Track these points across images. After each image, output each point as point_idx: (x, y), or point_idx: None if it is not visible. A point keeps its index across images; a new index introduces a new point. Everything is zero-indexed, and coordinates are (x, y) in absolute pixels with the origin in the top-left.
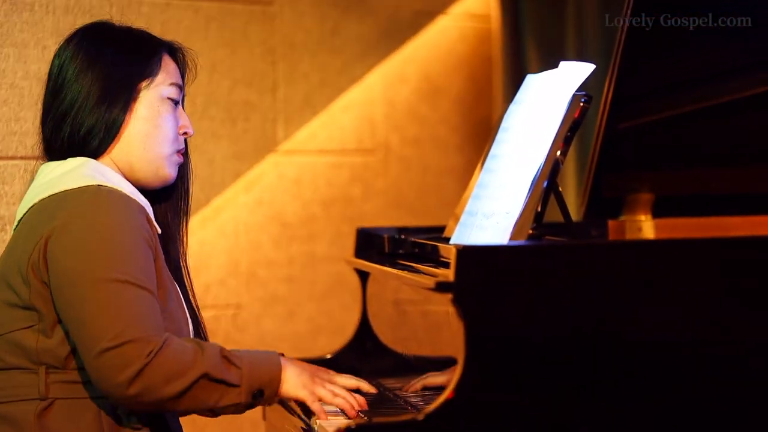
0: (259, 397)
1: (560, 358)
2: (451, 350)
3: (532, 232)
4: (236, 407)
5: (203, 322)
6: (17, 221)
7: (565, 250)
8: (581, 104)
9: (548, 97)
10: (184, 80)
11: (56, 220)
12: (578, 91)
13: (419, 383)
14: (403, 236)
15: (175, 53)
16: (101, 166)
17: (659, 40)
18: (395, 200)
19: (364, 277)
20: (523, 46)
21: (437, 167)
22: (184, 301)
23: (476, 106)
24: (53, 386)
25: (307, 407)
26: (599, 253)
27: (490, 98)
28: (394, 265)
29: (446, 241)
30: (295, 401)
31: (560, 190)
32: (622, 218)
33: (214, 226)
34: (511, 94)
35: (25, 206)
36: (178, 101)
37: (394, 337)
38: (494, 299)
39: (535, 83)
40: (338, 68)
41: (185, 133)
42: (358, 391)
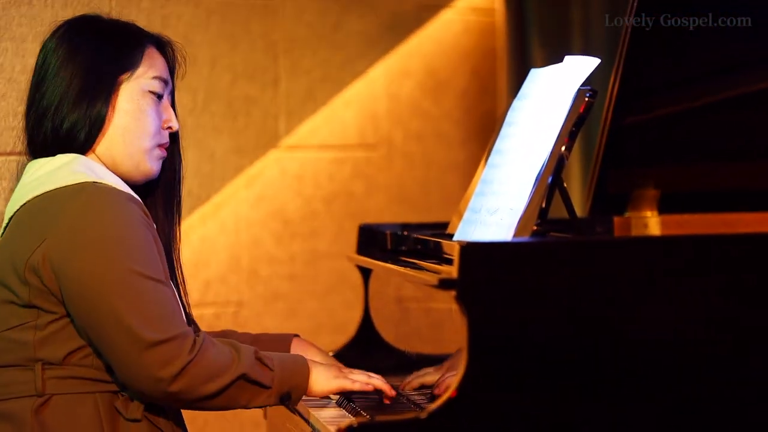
0: (286, 399)
1: (565, 356)
2: (454, 348)
3: (536, 228)
4: (262, 407)
5: (194, 319)
6: (7, 219)
7: (570, 246)
8: (586, 99)
9: (553, 91)
10: (173, 75)
11: (56, 221)
12: (583, 85)
13: (416, 380)
14: (406, 233)
15: (163, 47)
16: (91, 162)
17: (667, 32)
18: (398, 196)
19: (366, 274)
20: (527, 39)
21: (441, 162)
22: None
23: (480, 100)
24: (50, 382)
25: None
26: (605, 249)
27: (494, 93)
28: (396, 261)
29: (450, 237)
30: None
31: (565, 185)
32: (627, 214)
33: (214, 222)
34: (515, 88)
35: (15, 204)
36: (161, 95)
37: (396, 334)
38: (498, 296)
39: (539, 78)
40: (340, 62)
41: (169, 127)
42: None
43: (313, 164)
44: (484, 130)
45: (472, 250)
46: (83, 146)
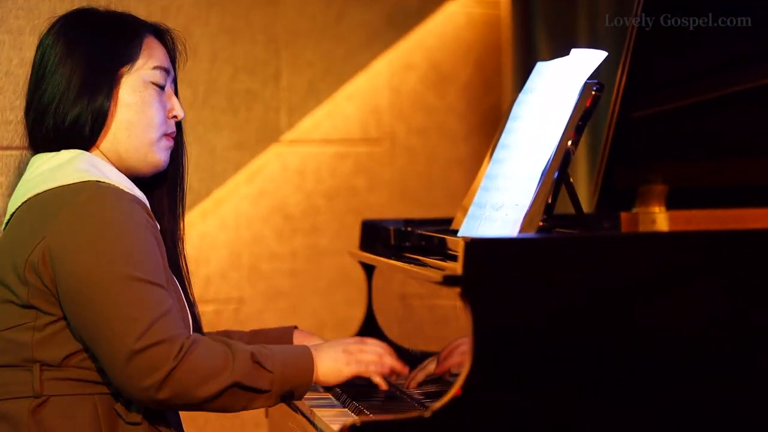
0: (289, 398)
1: (571, 354)
2: None
3: (542, 224)
4: (264, 407)
5: (200, 317)
6: (9, 215)
7: (576, 242)
8: (593, 93)
9: (559, 85)
10: (175, 63)
11: (56, 220)
12: (590, 79)
13: (420, 374)
14: (409, 228)
15: (162, 36)
16: (95, 158)
17: (675, 27)
18: (401, 191)
19: (369, 270)
20: (533, 32)
21: (444, 157)
22: (183, 295)
23: (485, 94)
24: (47, 383)
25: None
26: (612, 245)
27: (499, 86)
28: (400, 258)
29: (454, 233)
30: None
31: (571, 181)
32: (635, 210)
33: (215, 218)
34: (520, 82)
35: (17, 201)
36: (163, 85)
37: (400, 331)
38: (503, 293)
39: (545, 71)
40: (343, 56)
41: (174, 116)
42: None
43: (314, 159)
44: (488, 124)
45: (476, 246)
46: (87, 141)
